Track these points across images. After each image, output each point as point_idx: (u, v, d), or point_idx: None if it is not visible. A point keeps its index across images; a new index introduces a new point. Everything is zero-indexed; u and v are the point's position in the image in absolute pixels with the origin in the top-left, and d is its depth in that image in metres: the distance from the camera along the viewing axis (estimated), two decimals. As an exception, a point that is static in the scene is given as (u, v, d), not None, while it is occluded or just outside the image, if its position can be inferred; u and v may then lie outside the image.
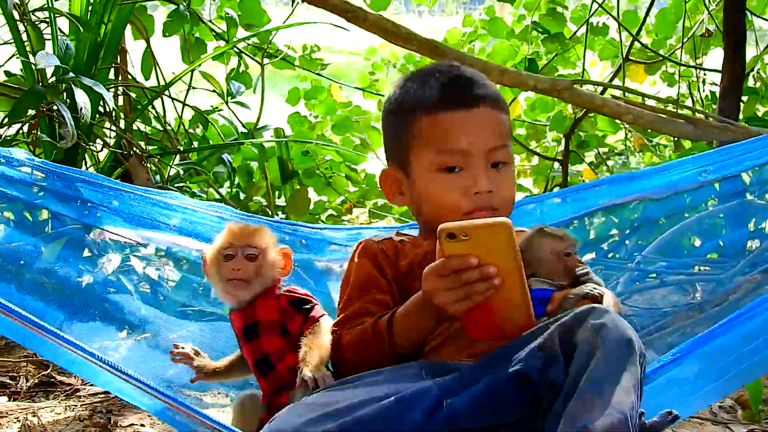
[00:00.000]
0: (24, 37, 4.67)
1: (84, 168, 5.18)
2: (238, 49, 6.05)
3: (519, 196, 3.14)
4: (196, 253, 3.23)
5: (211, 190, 5.69)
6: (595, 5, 6.78)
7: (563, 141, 7.06)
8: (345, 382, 2.30)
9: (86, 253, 3.34)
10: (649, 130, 6.53)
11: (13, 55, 4.90)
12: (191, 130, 5.92)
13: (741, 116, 5.89)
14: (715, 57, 7.19)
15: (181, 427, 2.54)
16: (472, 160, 2.53)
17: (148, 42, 5.57)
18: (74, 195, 3.28)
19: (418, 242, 2.68)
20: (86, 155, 5.16)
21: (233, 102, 5.80)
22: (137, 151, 5.11)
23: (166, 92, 5.57)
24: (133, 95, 5.63)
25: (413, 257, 2.61)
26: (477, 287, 2.17)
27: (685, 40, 6.87)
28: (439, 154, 2.54)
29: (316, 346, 2.51)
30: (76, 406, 3.62)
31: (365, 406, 2.10)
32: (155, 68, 5.60)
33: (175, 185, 5.23)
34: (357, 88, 7.27)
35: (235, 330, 2.72)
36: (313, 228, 3.55)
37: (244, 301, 2.66)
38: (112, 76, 5.50)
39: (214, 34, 6.03)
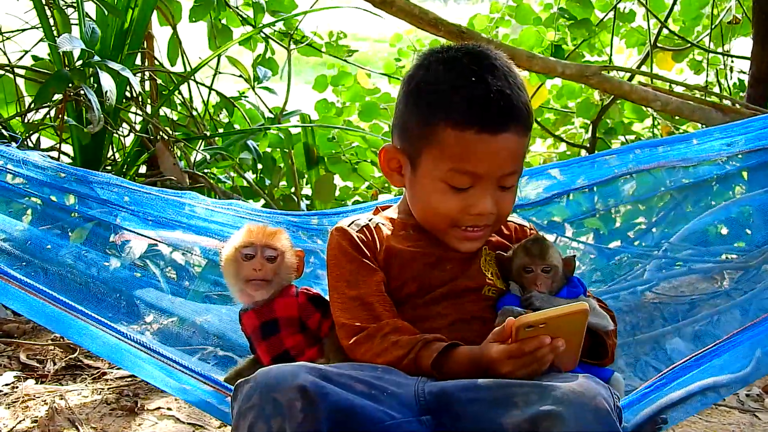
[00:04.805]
0: (51, 21, 4.69)
1: (111, 153, 5.21)
2: (265, 34, 6.04)
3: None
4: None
5: (236, 176, 5.69)
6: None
7: (590, 128, 7.03)
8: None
9: (112, 238, 3.36)
10: (677, 118, 6.49)
11: (41, 40, 4.92)
12: (218, 116, 5.92)
13: (770, 103, 5.84)
14: (742, 45, 7.14)
15: (207, 408, 2.57)
16: (483, 182, 2.50)
17: (174, 27, 5.57)
18: (94, 195, 3.29)
19: (400, 228, 2.69)
20: (113, 140, 5.18)
21: (260, 87, 5.79)
22: (164, 136, 5.11)
23: (193, 77, 5.57)
24: (160, 80, 5.63)
25: (398, 252, 2.62)
26: (546, 358, 2.25)
27: (713, 27, 6.81)
28: (453, 172, 2.49)
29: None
30: (103, 389, 3.63)
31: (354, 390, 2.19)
32: (181, 54, 5.60)
33: (201, 171, 5.24)
34: (383, 74, 7.25)
35: (248, 330, 2.73)
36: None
37: (261, 302, 2.68)
38: (138, 61, 5.50)
39: (241, 19, 6.03)
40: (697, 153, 3.49)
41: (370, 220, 2.69)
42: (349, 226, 2.66)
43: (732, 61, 7.22)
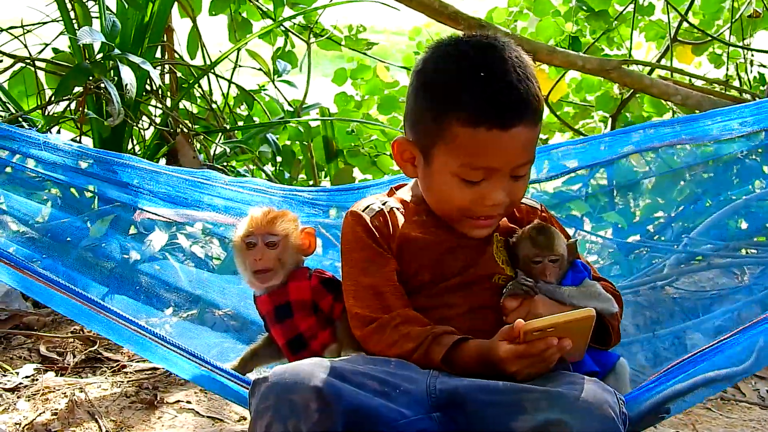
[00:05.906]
0: (72, 14, 4.70)
1: (131, 146, 5.22)
2: (285, 27, 6.04)
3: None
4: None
5: (256, 169, 5.70)
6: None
7: (609, 122, 7.01)
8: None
9: (132, 230, 3.37)
10: (697, 112, 6.46)
11: (62, 33, 4.93)
12: (237, 109, 5.93)
13: (791, 98, 5.80)
14: (763, 38, 7.11)
15: (231, 394, 2.59)
16: (496, 174, 2.49)
17: (194, 21, 5.58)
18: (113, 178, 3.29)
19: (413, 214, 2.69)
20: (132, 133, 5.19)
21: (279, 80, 5.80)
22: (183, 129, 5.12)
23: (213, 71, 5.58)
24: (180, 74, 5.64)
25: (412, 240, 2.62)
26: (552, 357, 2.30)
27: (734, 20, 6.78)
28: (464, 167, 2.48)
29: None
30: (122, 382, 3.64)
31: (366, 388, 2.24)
32: (201, 47, 5.61)
33: (221, 164, 5.25)
34: (402, 67, 7.24)
35: (263, 312, 2.76)
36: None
37: (273, 287, 2.70)
38: (158, 54, 5.51)
39: (261, 12, 6.03)
40: (710, 131, 3.48)
41: (384, 204, 2.69)
42: (363, 211, 2.66)
43: (752, 55, 7.18)
